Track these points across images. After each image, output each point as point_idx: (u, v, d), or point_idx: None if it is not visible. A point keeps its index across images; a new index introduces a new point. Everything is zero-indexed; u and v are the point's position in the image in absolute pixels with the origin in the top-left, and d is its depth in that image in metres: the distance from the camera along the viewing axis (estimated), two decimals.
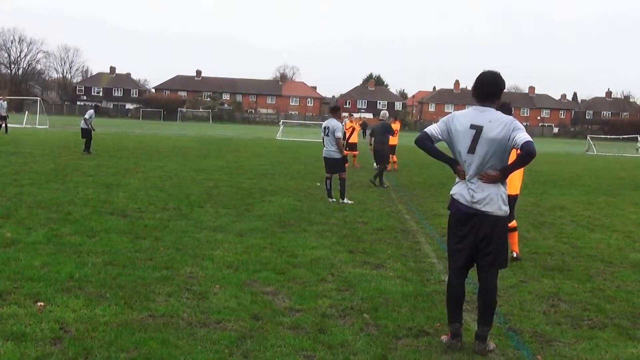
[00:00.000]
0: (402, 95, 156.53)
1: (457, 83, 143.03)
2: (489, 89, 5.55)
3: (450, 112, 6.06)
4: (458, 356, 5.38)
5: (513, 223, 8.95)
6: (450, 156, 5.66)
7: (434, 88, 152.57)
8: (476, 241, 5.49)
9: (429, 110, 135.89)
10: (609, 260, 9.49)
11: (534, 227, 12.15)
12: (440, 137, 5.61)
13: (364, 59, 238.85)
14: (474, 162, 5.45)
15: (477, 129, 5.42)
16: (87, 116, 25.54)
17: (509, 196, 5.86)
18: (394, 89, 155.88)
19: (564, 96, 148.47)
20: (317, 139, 47.86)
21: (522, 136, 5.29)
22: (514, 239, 8.98)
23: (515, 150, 5.45)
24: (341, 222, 11.68)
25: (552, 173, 25.47)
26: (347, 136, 23.06)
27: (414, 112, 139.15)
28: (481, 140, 5.40)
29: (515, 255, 9.00)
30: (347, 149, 20.88)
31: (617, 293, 7.62)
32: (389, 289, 7.30)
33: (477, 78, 5.60)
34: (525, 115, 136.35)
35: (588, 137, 58.43)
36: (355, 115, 61.86)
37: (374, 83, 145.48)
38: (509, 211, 5.58)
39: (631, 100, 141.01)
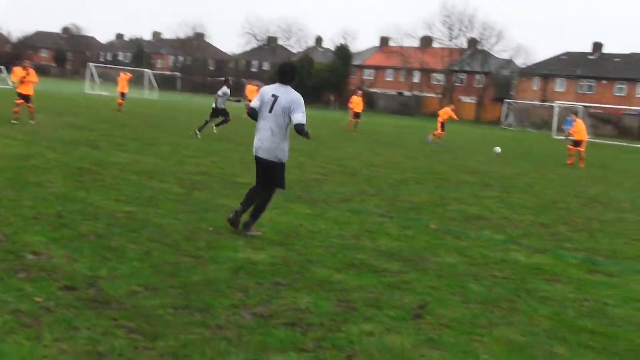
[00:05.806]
0: None
1: None
2: (286, 74, 8.26)
3: None
4: None
5: None
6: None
7: None
8: (264, 173, 8.35)
9: None
10: None
11: None
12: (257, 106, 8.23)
13: None
14: (271, 119, 8.07)
15: (275, 97, 8.08)
16: (220, 94, 22.80)
17: None
18: None
19: None
20: None
21: (298, 117, 8.02)
22: None
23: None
24: None
25: None
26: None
27: None
28: (276, 105, 8.04)
29: None
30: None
31: None
32: None
33: (279, 66, 8.56)
34: None
35: None
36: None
37: None
38: (283, 160, 8.24)
39: None
